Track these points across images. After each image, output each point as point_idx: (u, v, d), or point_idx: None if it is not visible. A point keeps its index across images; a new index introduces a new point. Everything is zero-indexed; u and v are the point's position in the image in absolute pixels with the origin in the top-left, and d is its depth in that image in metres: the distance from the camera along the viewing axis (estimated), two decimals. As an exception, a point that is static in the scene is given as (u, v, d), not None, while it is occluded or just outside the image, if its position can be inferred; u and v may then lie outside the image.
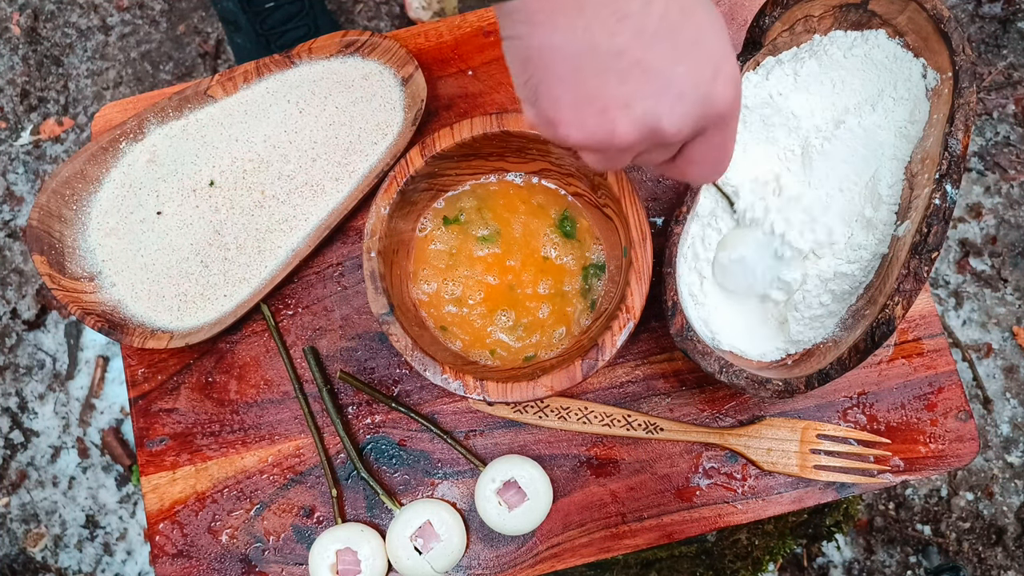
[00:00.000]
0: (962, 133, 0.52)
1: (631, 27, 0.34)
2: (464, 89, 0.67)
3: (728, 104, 0.37)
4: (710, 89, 0.36)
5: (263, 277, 0.64)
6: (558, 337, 0.58)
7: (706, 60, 0.36)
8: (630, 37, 0.34)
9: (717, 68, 0.36)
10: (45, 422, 1.34)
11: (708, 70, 0.36)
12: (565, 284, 0.59)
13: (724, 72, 0.37)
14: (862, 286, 0.57)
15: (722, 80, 0.37)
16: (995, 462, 1.27)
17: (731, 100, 0.37)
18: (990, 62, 1.38)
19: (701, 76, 0.36)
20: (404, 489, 0.62)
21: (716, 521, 0.61)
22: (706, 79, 0.36)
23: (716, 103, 0.37)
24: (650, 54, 0.35)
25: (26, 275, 1.39)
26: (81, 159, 0.64)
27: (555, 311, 0.59)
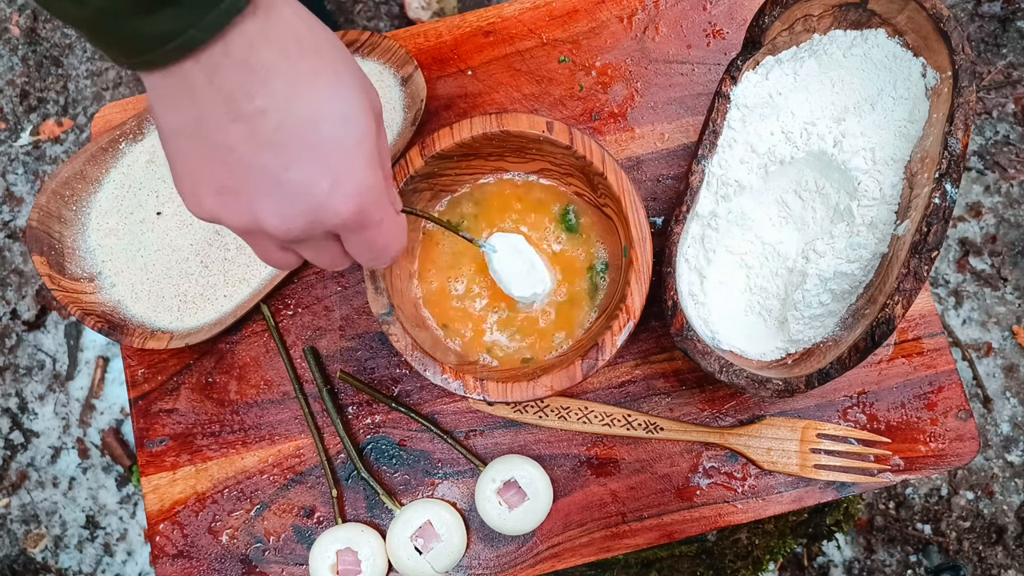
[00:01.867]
0: (962, 132, 0.52)
1: (243, 129, 0.35)
2: (464, 89, 0.67)
3: (345, 215, 0.38)
4: (323, 200, 0.37)
5: (263, 277, 0.64)
6: (558, 341, 0.58)
7: (321, 173, 0.36)
8: (240, 138, 0.35)
9: (336, 182, 0.37)
10: (45, 423, 1.34)
11: (323, 183, 0.36)
12: (575, 285, 0.59)
13: (344, 187, 0.37)
14: (862, 285, 0.57)
15: (339, 194, 0.37)
16: (995, 461, 1.27)
17: (348, 212, 0.38)
18: (990, 61, 1.38)
19: (314, 188, 0.36)
20: (404, 489, 0.62)
21: (716, 520, 0.61)
22: (320, 191, 0.37)
23: (329, 214, 0.38)
24: (260, 158, 0.36)
25: (26, 276, 1.39)
26: (81, 160, 0.64)
27: (560, 315, 0.59)
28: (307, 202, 0.37)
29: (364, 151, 0.38)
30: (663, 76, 0.67)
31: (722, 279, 0.59)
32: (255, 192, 0.37)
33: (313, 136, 0.36)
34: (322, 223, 0.38)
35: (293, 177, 0.36)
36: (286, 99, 0.35)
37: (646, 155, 0.66)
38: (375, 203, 0.39)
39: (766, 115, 0.58)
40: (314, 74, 0.36)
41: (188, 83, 0.34)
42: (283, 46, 0.35)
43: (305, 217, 0.37)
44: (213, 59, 0.34)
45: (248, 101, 0.34)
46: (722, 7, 0.68)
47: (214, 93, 0.34)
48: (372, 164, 0.38)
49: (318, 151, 0.36)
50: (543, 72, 0.67)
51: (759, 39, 0.55)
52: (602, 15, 0.68)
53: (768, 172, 0.58)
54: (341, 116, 0.37)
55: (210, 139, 0.36)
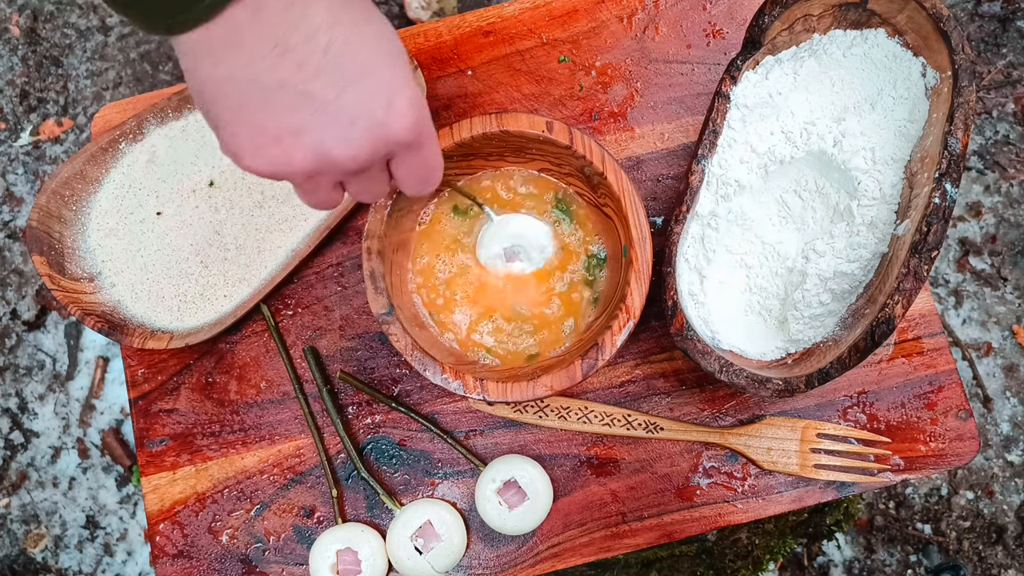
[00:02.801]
0: (961, 132, 0.52)
1: (293, 60, 0.35)
2: (463, 89, 0.67)
3: (405, 130, 0.38)
4: (384, 116, 0.37)
5: (263, 277, 0.64)
6: (567, 330, 0.58)
7: (377, 90, 0.37)
8: (292, 70, 0.35)
9: (391, 97, 0.37)
10: (45, 423, 1.34)
11: (380, 99, 0.37)
12: (568, 268, 0.59)
13: (399, 101, 0.38)
14: (862, 285, 0.57)
15: (397, 109, 0.38)
16: (995, 461, 1.27)
17: (408, 126, 0.38)
18: (989, 61, 1.38)
19: (373, 104, 0.37)
20: (404, 489, 0.62)
21: (716, 520, 0.61)
22: (379, 106, 0.37)
23: (392, 130, 0.38)
24: (314, 85, 0.36)
25: (26, 276, 1.39)
26: (81, 160, 0.64)
27: (561, 299, 0.59)
28: (369, 120, 0.37)
29: (406, 66, 0.38)
30: (663, 76, 0.67)
31: (722, 279, 0.59)
32: (318, 125, 0.37)
33: (361, 54, 0.36)
34: (385, 141, 0.38)
35: (351, 98, 0.36)
36: (328, 23, 0.35)
37: (646, 155, 0.66)
38: (426, 115, 0.40)
39: (766, 115, 0.58)
40: (349, 3, 0.36)
41: (233, 29, 0.34)
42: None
43: (370, 137, 0.38)
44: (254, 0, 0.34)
45: (294, 31, 0.34)
46: (722, 7, 0.68)
47: (259, 32, 0.34)
48: (415, 83, 0.39)
49: (368, 69, 0.37)
50: (543, 72, 0.67)
51: (759, 39, 0.55)
52: (602, 15, 0.68)
53: (768, 172, 0.58)
54: (379, 34, 0.37)
55: (262, 81, 0.35)
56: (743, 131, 0.58)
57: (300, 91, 0.36)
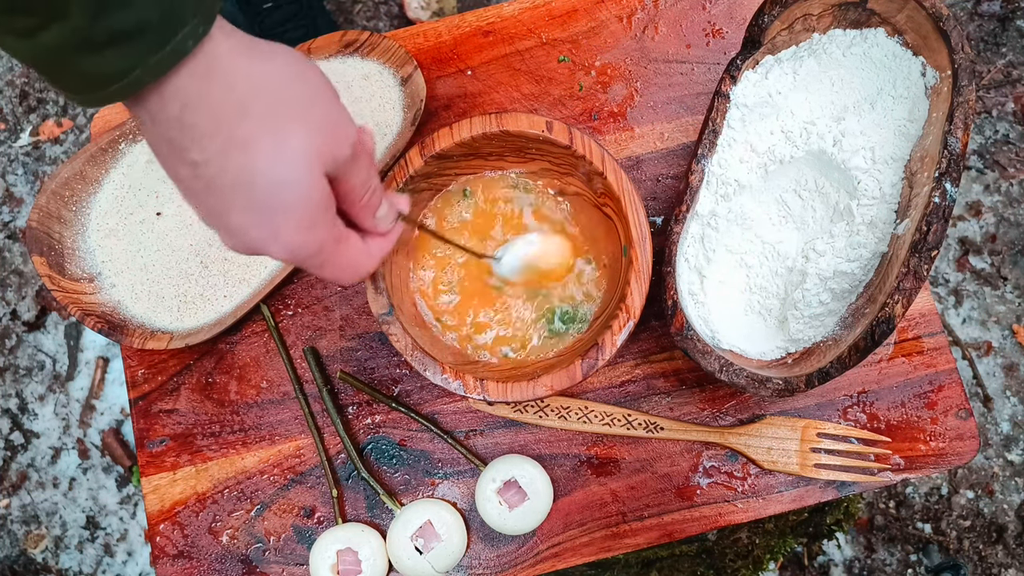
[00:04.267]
0: (961, 131, 0.52)
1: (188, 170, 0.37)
2: (463, 89, 0.67)
3: (282, 259, 0.41)
4: (261, 247, 0.40)
5: (263, 278, 0.64)
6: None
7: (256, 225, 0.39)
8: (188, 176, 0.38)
9: (269, 236, 0.39)
10: (45, 423, 1.34)
11: (256, 233, 0.39)
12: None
13: (276, 241, 0.39)
14: (862, 284, 0.56)
15: (274, 247, 0.40)
16: (995, 460, 1.27)
17: (285, 259, 0.41)
18: (989, 60, 1.38)
19: (250, 234, 0.39)
20: (404, 489, 0.62)
21: (717, 520, 0.61)
22: (257, 237, 0.39)
23: (273, 254, 0.40)
24: (203, 197, 0.38)
25: (26, 276, 1.39)
26: (80, 160, 0.64)
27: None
28: (247, 244, 0.40)
29: (300, 213, 0.39)
30: (663, 76, 0.67)
31: (722, 278, 0.59)
32: (210, 218, 0.40)
33: (245, 196, 0.38)
34: (268, 255, 0.41)
35: (232, 222, 0.39)
36: (219, 160, 0.37)
37: (646, 155, 0.66)
38: (312, 255, 0.41)
39: (766, 114, 0.58)
40: (250, 140, 0.37)
41: (139, 118, 0.37)
42: (218, 111, 0.36)
43: (249, 253, 0.41)
44: (151, 108, 0.35)
45: (185, 152, 0.36)
46: (721, 6, 0.67)
47: (159, 136, 0.36)
48: (308, 224, 0.40)
49: (251, 207, 0.38)
50: (543, 72, 0.67)
51: (758, 38, 0.55)
52: (601, 15, 0.68)
53: (768, 171, 0.58)
54: (276, 180, 0.38)
55: (171, 168, 0.38)
56: (743, 131, 0.58)
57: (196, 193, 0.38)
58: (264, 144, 0.37)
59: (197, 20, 0.34)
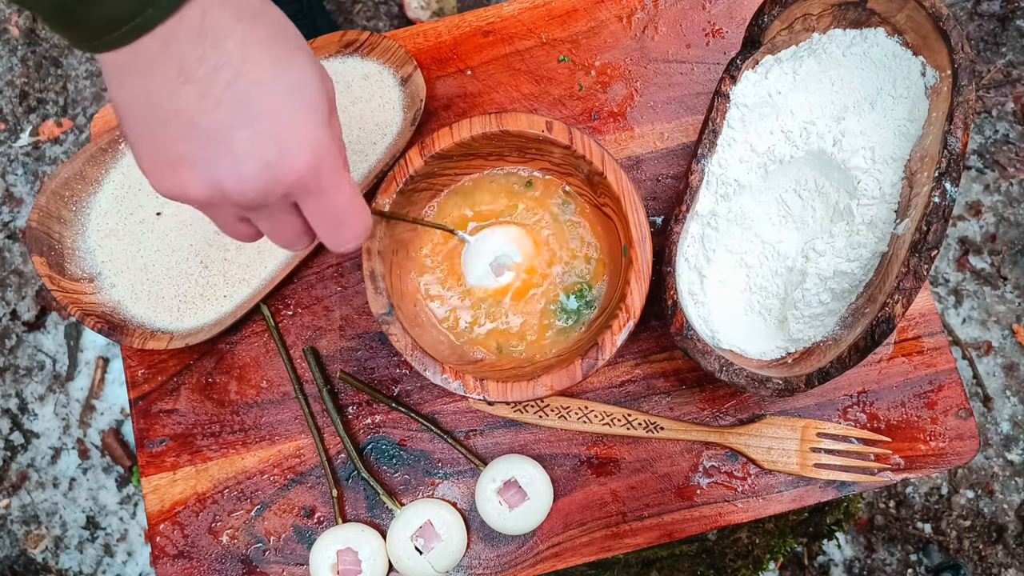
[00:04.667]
0: (961, 131, 0.52)
1: (194, 91, 0.35)
2: (463, 89, 0.67)
3: (297, 173, 0.38)
4: (274, 158, 0.37)
5: (263, 277, 0.64)
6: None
7: (273, 132, 0.37)
8: (192, 100, 0.35)
9: (286, 140, 0.37)
10: (45, 423, 1.34)
11: (274, 141, 0.37)
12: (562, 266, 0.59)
13: (294, 145, 0.37)
14: (862, 284, 0.57)
15: (290, 152, 0.37)
16: (995, 460, 1.27)
17: (300, 170, 0.38)
18: (989, 60, 1.38)
19: (265, 145, 0.37)
20: (404, 489, 0.62)
21: (717, 520, 0.61)
22: (271, 148, 0.37)
23: (282, 172, 0.38)
24: (210, 118, 0.36)
25: (26, 276, 1.39)
26: (80, 160, 0.64)
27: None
28: (261, 158, 0.37)
29: (317, 115, 0.38)
30: (662, 75, 0.67)
31: (722, 278, 0.59)
32: (210, 156, 0.37)
33: (264, 96, 0.36)
34: (278, 182, 0.38)
35: (245, 135, 0.36)
36: (239, 59, 0.35)
37: (645, 154, 0.66)
38: (330, 164, 0.39)
39: (765, 114, 0.58)
40: (268, 39, 0.36)
41: (143, 57, 0.35)
42: (237, 11, 0.35)
43: (261, 175, 0.38)
44: (168, 29, 0.34)
45: (200, 63, 0.35)
46: (721, 6, 0.67)
47: (167, 60, 0.35)
48: (325, 128, 0.39)
49: (270, 109, 0.37)
50: (542, 72, 0.67)
51: (758, 38, 0.55)
52: (601, 14, 0.68)
53: (768, 171, 0.58)
54: (293, 81, 0.37)
55: (162, 109, 0.36)
56: (743, 130, 0.58)
57: (196, 122, 0.36)
58: (280, 44, 0.37)
59: None
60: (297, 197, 0.40)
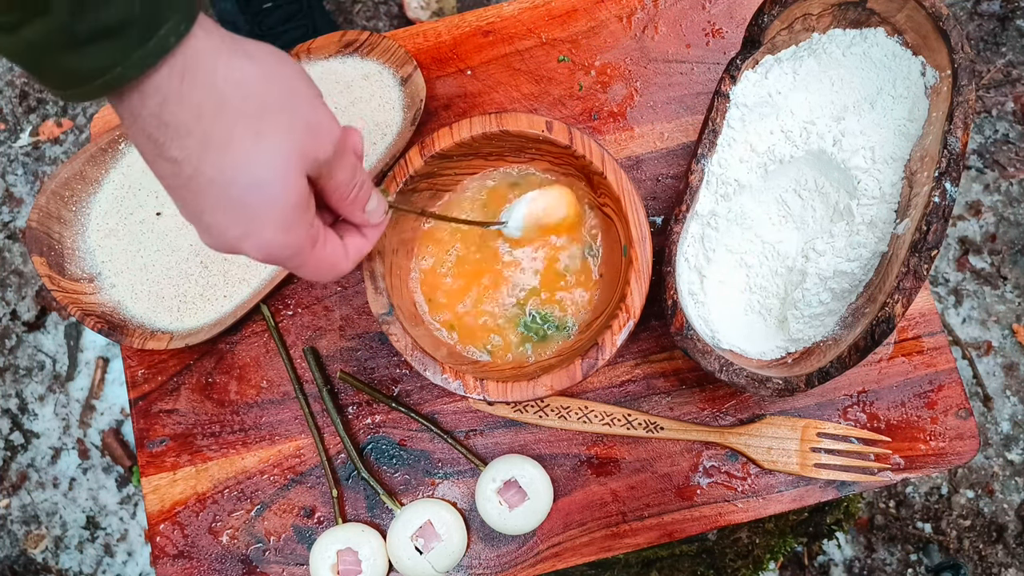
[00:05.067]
0: (961, 131, 0.52)
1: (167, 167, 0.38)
2: (463, 89, 0.67)
3: (258, 259, 0.41)
4: (236, 245, 0.40)
5: (263, 278, 0.64)
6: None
7: (233, 223, 0.39)
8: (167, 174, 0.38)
9: (244, 234, 0.39)
10: (45, 423, 1.34)
11: (233, 231, 0.39)
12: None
13: (251, 239, 0.39)
14: (862, 284, 0.56)
15: (249, 244, 0.40)
16: (995, 460, 1.27)
17: (260, 259, 0.41)
18: (989, 60, 1.38)
19: (227, 232, 0.39)
20: (404, 489, 0.62)
21: (717, 520, 0.61)
22: (233, 236, 0.40)
23: (251, 254, 0.41)
24: (181, 194, 0.39)
25: (26, 276, 1.39)
26: (80, 160, 0.64)
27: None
28: (224, 243, 0.40)
29: (276, 213, 0.39)
30: (662, 75, 0.67)
31: (722, 278, 0.59)
32: (192, 219, 0.40)
33: (222, 194, 0.38)
34: (247, 255, 0.41)
35: (208, 220, 0.39)
36: (198, 157, 0.37)
37: (645, 154, 0.66)
38: (288, 256, 0.42)
39: (765, 114, 0.58)
40: (228, 139, 0.37)
41: (121, 115, 0.37)
42: (198, 109, 0.36)
43: (232, 250, 0.41)
44: (132, 105, 0.36)
45: (165, 149, 0.37)
46: (721, 6, 0.67)
47: (139, 132, 0.37)
48: (285, 225, 0.40)
49: (228, 206, 0.38)
50: (542, 72, 0.67)
51: (758, 38, 0.55)
52: (601, 14, 0.68)
53: (768, 171, 0.58)
54: (252, 180, 0.38)
55: (151, 164, 0.39)
56: (743, 130, 0.58)
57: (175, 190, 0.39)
58: (241, 144, 0.37)
59: (179, 17, 0.34)
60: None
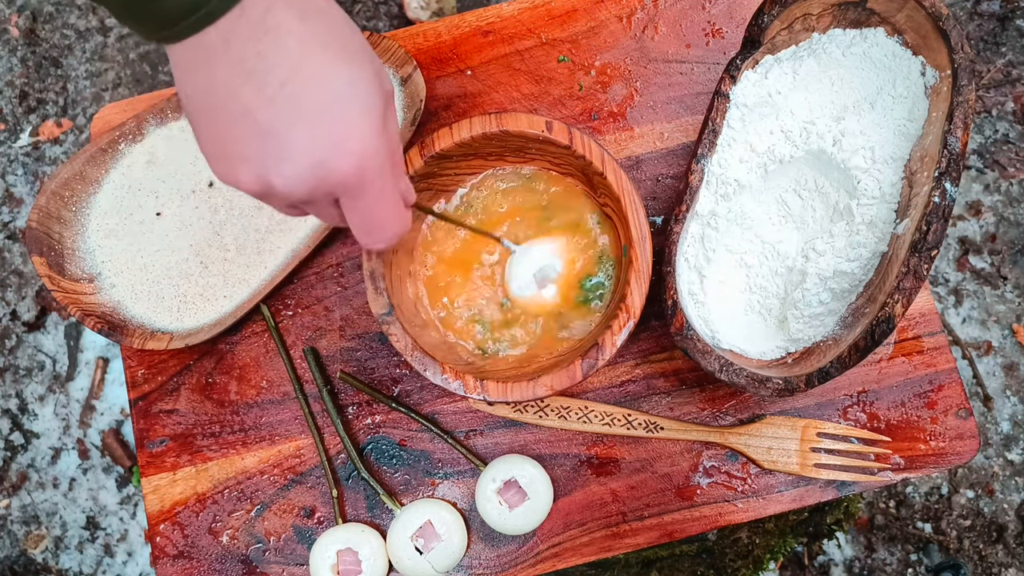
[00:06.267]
0: (961, 131, 0.52)
1: (251, 87, 0.36)
2: (463, 89, 0.67)
3: (343, 175, 0.39)
4: (324, 158, 0.38)
5: (263, 278, 0.64)
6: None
7: (326, 132, 0.37)
8: (249, 96, 0.36)
9: (338, 141, 0.38)
10: (45, 424, 1.34)
11: (326, 141, 0.37)
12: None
13: (345, 146, 0.38)
14: (862, 284, 0.57)
15: (340, 152, 0.38)
16: (995, 459, 1.27)
17: (347, 172, 0.38)
18: (989, 60, 1.38)
19: (318, 144, 0.37)
20: (405, 489, 0.62)
21: (717, 520, 0.61)
22: (323, 148, 0.37)
23: (330, 172, 0.38)
24: (266, 114, 0.37)
25: (26, 277, 1.39)
26: (80, 160, 0.64)
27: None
28: (310, 159, 0.38)
29: (371, 118, 0.38)
30: (662, 75, 0.67)
31: (722, 278, 0.59)
32: (261, 154, 0.38)
33: (319, 95, 0.37)
34: (324, 182, 0.39)
35: (297, 135, 0.37)
36: (298, 57, 0.36)
37: (645, 154, 0.66)
38: (376, 169, 0.40)
39: (765, 114, 0.58)
40: (328, 38, 0.37)
41: (205, 50, 0.36)
42: (301, 9, 0.36)
43: (308, 176, 0.38)
44: (230, 23, 0.35)
45: (258, 59, 0.36)
46: (721, 6, 0.67)
47: (228, 56, 0.36)
48: (377, 131, 0.39)
49: (323, 109, 0.37)
50: (542, 72, 0.67)
51: (758, 38, 0.55)
52: (601, 14, 0.68)
53: (768, 171, 0.58)
54: (349, 81, 0.38)
55: (222, 103, 0.37)
56: (743, 130, 0.58)
57: (251, 118, 0.37)
58: (340, 44, 0.37)
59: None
60: (339, 196, 0.41)
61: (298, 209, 0.44)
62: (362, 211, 0.42)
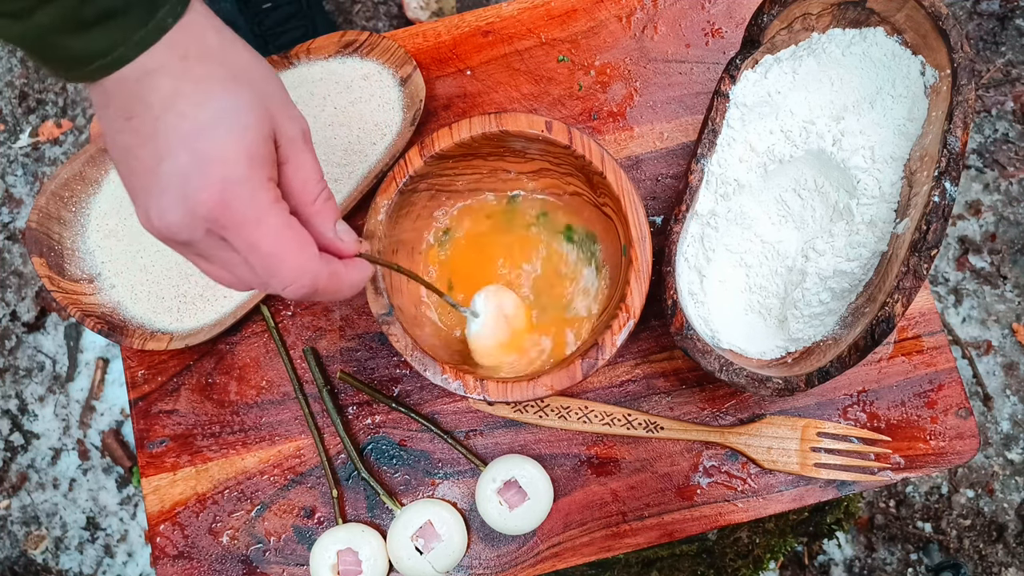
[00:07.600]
0: (961, 130, 0.52)
1: (133, 126, 0.37)
2: (463, 89, 0.67)
3: (208, 203, 0.36)
4: (190, 186, 0.37)
5: (263, 278, 0.64)
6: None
7: (192, 159, 0.37)
8: (131, 135, 0.37)
9: (202, 166, 0.37)
10: (45, 424, 1.34)
11: (192, 168, 0.37)
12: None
13: (208, 170, 0.36)
14: (862, 284, 0.57)
15: (204, 178, 0.37)
16: (995, 459, 1.27)
17: (211, 198, 0.36)
18: (988, 59, 1.38)
19: (181, 177, 0.37)
20: (405, 489, 0.62)
21: (717, 519, 0.61)
22: (188, 177, 0.37)
23: (199, 204, 0.37)
24: (142, 152, 0.37)
25: (25, 277, 1.39)
26: (80, 161, 0.64)
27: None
28: (177, 191, 0.37)
29: (241, 142, 0.37)
30: (662, 75, 0.67)
31: (722, 278, 0.59)
32: (142, 191, 0.38)
33: (190, 125, 0.37)
34: (193, 215, 0.37)
35: (166, 167, 0.37)
36: (169, 93, 0.37)
37: (645, 154, 0.66)
38: (246, 195, 0.37)
39: (765, 114, 0.58)
40: (208, 71, 0.37)
41: (104, 92, 0.37)
42: (184, 48, 0.37)
43: (179, 208, 0.37)
44: (127, 69, 0.36)
45: (138, 101, 0.37)
46: (721, 6, 0.67)
47: (118, 99, 0.37)
48: (248, 155, 0.37)
49: (191, 138, 0.37)
50: (542, 72, 0.67)
51: (758, 38, 0.55)
52: (601, 14, 0.68)
53: (767, 171, 0.58)
54: (221, 108, 0.37)
55: (116, 144, 0.38)
56: (742, 130, 0.58)
57: (133, 156, 0.38)
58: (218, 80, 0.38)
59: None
60: (219, 233, 0.38)
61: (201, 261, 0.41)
62: (244, 246, 0.38)
